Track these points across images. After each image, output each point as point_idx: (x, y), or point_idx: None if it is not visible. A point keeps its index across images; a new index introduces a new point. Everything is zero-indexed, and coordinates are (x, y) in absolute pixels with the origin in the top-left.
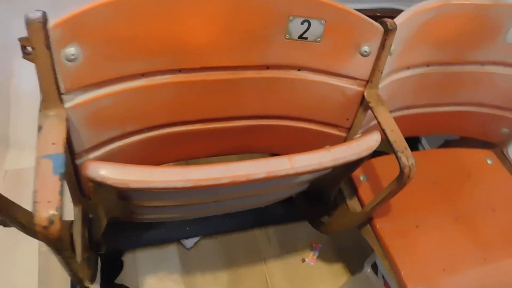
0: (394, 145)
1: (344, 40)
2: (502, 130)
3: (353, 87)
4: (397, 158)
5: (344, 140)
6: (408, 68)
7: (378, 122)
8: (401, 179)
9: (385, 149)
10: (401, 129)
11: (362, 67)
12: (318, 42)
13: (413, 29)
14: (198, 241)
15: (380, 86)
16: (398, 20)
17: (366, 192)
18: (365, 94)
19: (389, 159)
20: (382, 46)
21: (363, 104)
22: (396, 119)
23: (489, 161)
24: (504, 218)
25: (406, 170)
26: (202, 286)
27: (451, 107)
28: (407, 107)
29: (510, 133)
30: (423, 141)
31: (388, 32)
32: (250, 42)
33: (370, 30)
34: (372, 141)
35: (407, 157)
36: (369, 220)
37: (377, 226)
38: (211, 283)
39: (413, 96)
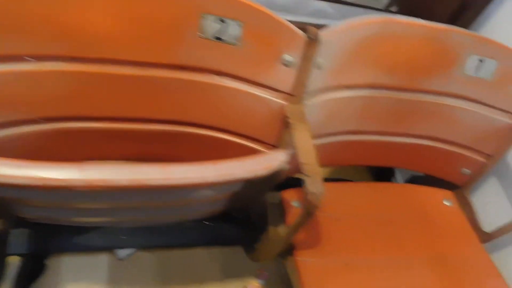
0: (304, 167)
1: (265, 46)
2: (462, 170)
3: (277, 100)
4: (304, 183)
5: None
6: (349, 88)
7: (292, 141)
8: (305, 208)
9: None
10: (344, 155)
11: (284, 78)
12: (236, 45)
13: (350, 44)
14: (133, 253)
15: (311, 103)
16: (326, 31)
17: (292, 220)
18: (286, 108)
19: (339, 186)
20: (305, 57)
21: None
22: (337, 144)
23: (446, 203)
24: (446, 271)
25: (310, 197)
26: None
27: (406, 138)
28: (353, 132)
29: (472, 174)
30: (397, 174)
31: (312, 41)
32: (156, 36)
33: (292, 37)
34: (273, 160)
35: (315, 184)
36: (291, 251)
37: (298, 259)
38: None
39: (359, 120)
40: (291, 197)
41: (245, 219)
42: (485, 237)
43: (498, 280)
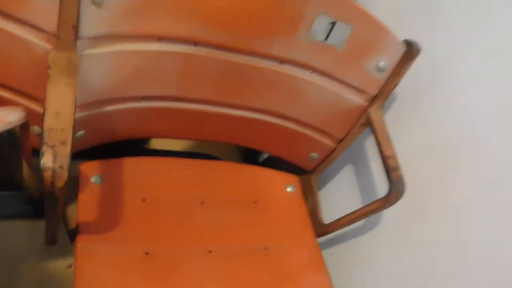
0: (47, 134)
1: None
2: (310, 154)
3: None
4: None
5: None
6: (159, 39)
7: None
8: (45, 188)
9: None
10: (166, 125)
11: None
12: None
13: None
14: None
15: (96, 52)
16: None
17: (87, 198)
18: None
19: (157, 162)
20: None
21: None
22: (154, 110)
23: (289, 189)
24: (264, 263)
25: (45, 175)
26: None
27: (244, 112)
28: (172, 98)
29: (320, 159)
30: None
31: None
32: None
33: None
34: None
35: (58, 156)
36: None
37: (78, 246)
38: None
39: (178, 84)
40: (91, 170)
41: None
42: (322, 229)
43: (322, 278)
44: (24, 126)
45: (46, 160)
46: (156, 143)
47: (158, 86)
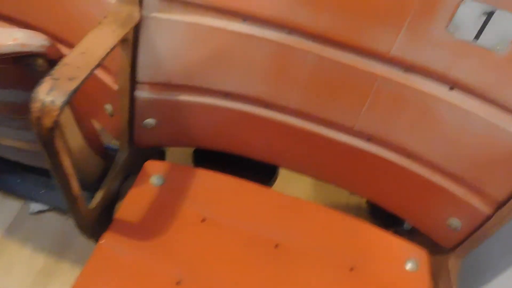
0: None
1: None
2: (448, 220)
3: None
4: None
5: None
6: (244, 19)
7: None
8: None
9: None
10: (256, 142)
11: None
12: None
13: None
14: (44, 210)
15: (166, 17)
16: None
17: (137, 196)
18: None
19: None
20: None
21: None
22: (237, 115)
23: (409, 265)
24: None
25: (34, 108)
26: (9, 255)
27: (350, 137)
28: (265, 104)
29: (464, 231)
30: None
31: None
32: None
33: None
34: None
35: (58, 90)
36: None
37: (102, 241)
38: (25, 259)
39: (269, 83)
40: (155, 169)
41: None
42: None
43: None
44: (50, 60)
45: (40, 90)
46: None
47: (243, 80)
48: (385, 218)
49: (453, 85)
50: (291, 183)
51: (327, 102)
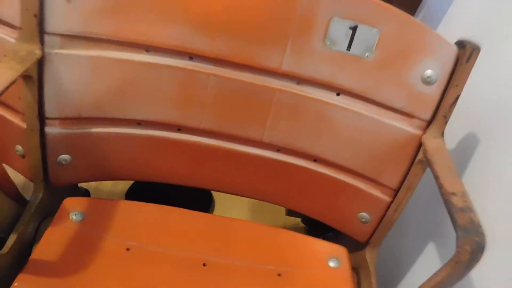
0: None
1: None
2: (359, 214)
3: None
4: None
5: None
6: (146, 50)
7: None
8: None
9: None
10: (171, 167)
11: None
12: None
13: None
14: None
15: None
16: None
17: (55, 234)
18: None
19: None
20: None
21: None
22: (151, 142)
23: (332, 263)
24: None
25: None
26: None
27: (261, 150)
28: (176, 127)
29: (373, 223)
30: None
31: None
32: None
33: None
34: None
35: None
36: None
37: (15, 284)
38: None
39: (178, 108)
40: (74, 206)
41: None
42: None
43: None
44: None
45: None
46: None
47: (152, 107)
48: (318, 229)
49: (339, 91)
50: (228, 211)
51: (235, 119)
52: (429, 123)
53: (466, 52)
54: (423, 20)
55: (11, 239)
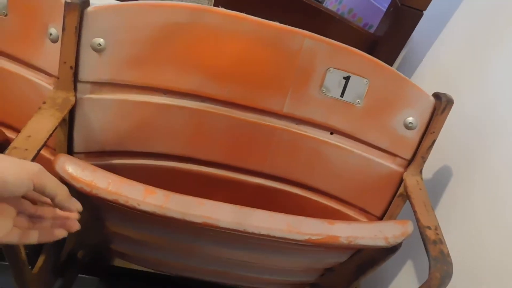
0: None
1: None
2: None
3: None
4: None
5: None
6: (164, 93)
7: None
8: None
9: None
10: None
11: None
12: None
13: (145, 31)
14: None
15: (95, 97)
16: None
17: None
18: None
19: None
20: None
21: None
22: (161, 170)
23: None
24: None
25: None
26: None
27: (262, 180)
28: (185, 159)
29: None
30: None
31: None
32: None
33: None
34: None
35: None
36: None
37: None
38: None
39: (189, 142)
40: None
41: None
42: None
43: None
44: None
45: None
46: None
47: (166, 142)
48: None
49: (333, 130)
50: None
51: (240, 153)
52: (410, 162)
53: (441, 105)
54: (407, 56)
55: (40, 260)
